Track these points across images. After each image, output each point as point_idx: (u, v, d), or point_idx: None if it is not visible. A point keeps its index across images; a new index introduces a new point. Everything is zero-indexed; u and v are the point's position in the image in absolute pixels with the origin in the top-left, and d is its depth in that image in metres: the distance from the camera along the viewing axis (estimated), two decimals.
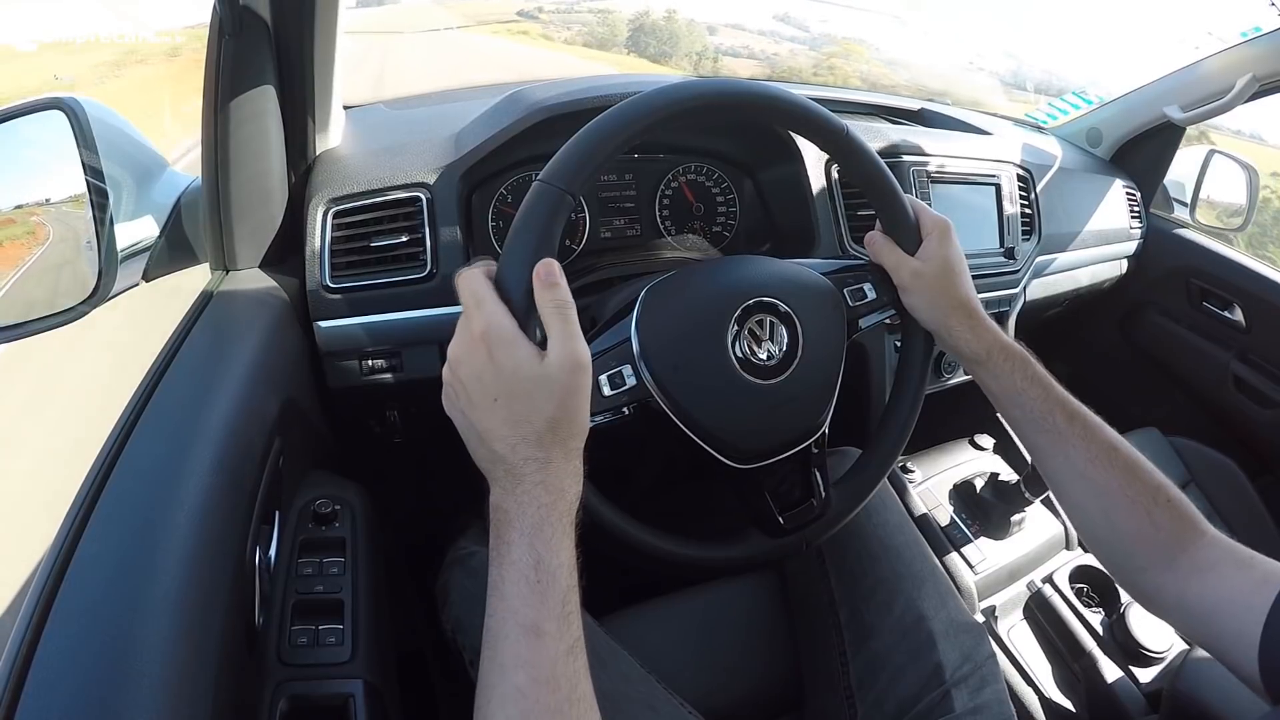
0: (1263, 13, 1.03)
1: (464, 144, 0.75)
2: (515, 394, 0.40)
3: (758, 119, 0.64)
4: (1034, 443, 0.56)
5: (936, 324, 0.59)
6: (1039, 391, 0.55)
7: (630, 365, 0.52)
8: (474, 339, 0.41)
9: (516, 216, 0.45)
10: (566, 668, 0.37)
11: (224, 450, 0.48)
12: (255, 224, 0.70)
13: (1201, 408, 1.32)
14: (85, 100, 0.63)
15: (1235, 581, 0.45)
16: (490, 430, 0.41)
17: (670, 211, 0.90)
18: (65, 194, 0.62)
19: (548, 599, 0.38)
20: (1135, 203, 1.29)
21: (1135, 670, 0.78)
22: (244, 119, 0.65)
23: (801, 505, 0.57)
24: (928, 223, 0.60)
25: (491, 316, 0.41)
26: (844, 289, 0.60)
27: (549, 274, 0.42)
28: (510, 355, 0.40)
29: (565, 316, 0.42)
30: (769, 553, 0.58)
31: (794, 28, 39.64)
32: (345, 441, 0.84)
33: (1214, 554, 0.47)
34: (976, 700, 0.59)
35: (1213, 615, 0.45)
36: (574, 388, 0.41)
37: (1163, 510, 0.49)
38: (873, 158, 0.57)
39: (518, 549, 0.39)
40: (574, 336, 0.42)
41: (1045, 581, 0.86)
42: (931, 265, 0.58)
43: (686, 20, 36.28)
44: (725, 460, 0.54)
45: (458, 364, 0.42)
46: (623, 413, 0.52)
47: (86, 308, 0.61)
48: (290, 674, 0.49)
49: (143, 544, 0.40)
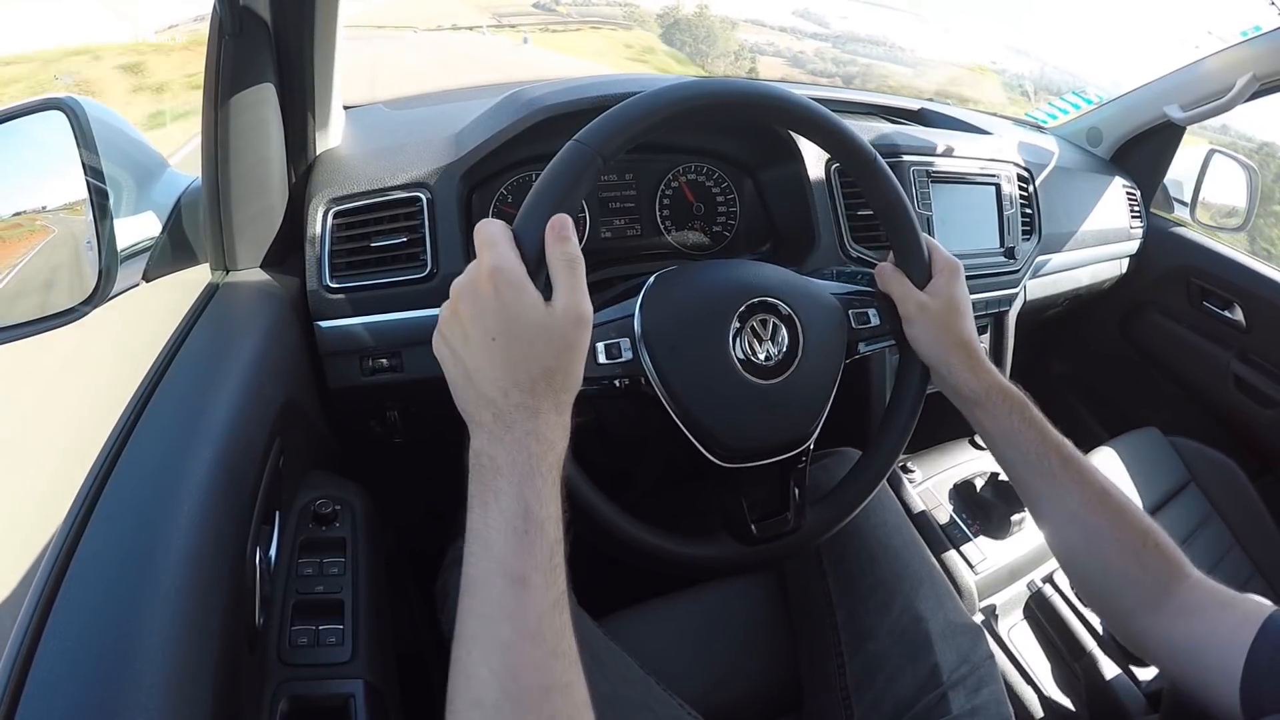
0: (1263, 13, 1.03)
1: (464, 144, 0.75)
2: (515, 336, 0.40)
3: (792, 128, 0.64)
4: (1028, 484, 0.57)
5: (936, 360, 0.60)
6: (1035, 434, 0.55)
7: (629, 339, 0.52)
8: (482, 276, 0.41)
9: (544, 172, 0.46)
10: (552, 621, 0.36)
11: (224, 450, 0.48)
12: (255, 224, 0.70)
13: (1202, 408, 1.32)
14: (85, 100, 0.63)
15: (1218, 622, 0.46)
16: (481, 371, 0.41)
17: (670, 211, 0.90)
18: (63, 200, 0.62)
19: (535, 550, 0.37)
20: (1135, 202, 1.29)
21: (1135, 670, 0.78)
22: (244, 119, 0.65)
23: (774, 518, 0.57)
24: (939, 261, 0.61)
25: (503, 258, 0.41)
26: (849, 310, 0.60)
27: (562, 228, 0.43)
28: (516, 297, 0.41)
29: (574, 271, 0.43)
30: (733, 561, 0.57)
31: (814, 24, 38.73)
32: (345, 442, 0.84)
33: (1198, 596, 0.48)
34: (974, 701, 0.59)
35: (1196, 655, 0.46)
36: (574, 341, 0.42)
37: (1151, 553, 0.50)
38: (897, 190, 0.58)
39: (506, 497, 0.38)
40: (580, 291, 0.42)
41: (1045, 581, 0.86)
42: (938, 302, 0.59)
43: (720, 16, 35.22)
44: (709, 455, 0.54)
45: (459, 298, 0.42)
46: (613, 385, 0.52)
47: (87, 308, 0.61)
48: (290, 674, 0.49)
49: (143, 544, 0.40)
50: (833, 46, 33.93)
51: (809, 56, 28.02)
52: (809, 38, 35.28)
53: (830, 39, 36.18)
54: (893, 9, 50.82)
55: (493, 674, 0.34)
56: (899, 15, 50.08)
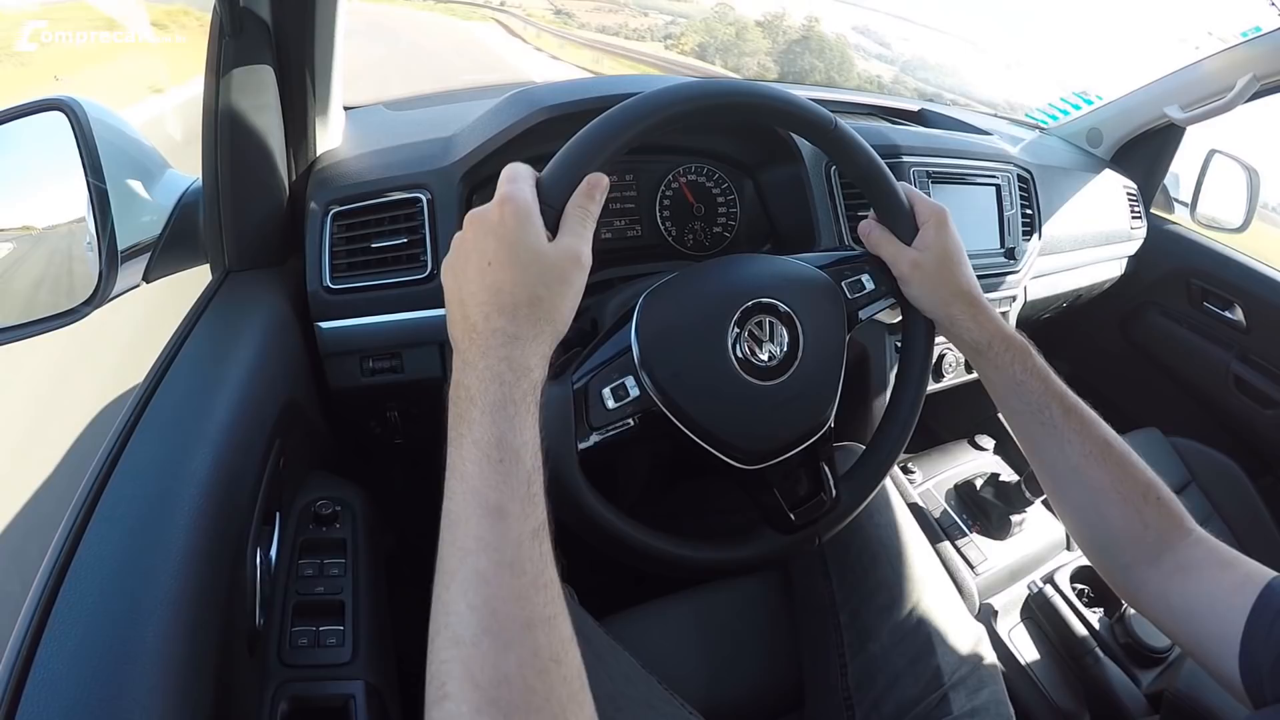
0: (1263, 13, 1.03)
1: (465, 145, 0.75)
2: (509, 262, 0.41)
3: (747, 119, 0.63)
4: (1029, 435, 0.56)
5: (938, 313, 0.59)
6: (1038, 384, 0.55)
7: (633, 376, 0.52)
8: (496, 204, 0.42)
9: (585, 128, 0.47)
10: (531, 550, 0.35)
11: (225, 451, 0.48)
12: (256, 225, 0.70)
13: (1202, 408, 1.32)
14: (85, 100, 0.63)
15: (1218, 581, 0.45)
16: (472, 295, 0.41)
17: (671, 212, 0.90)
18: (61, 217, 0.62)
19: (511, 478, 0.36)
20: (1135, 203, 1.29)
21: (1135, 670, 0.78)
22: (244, 119, 0.65)
23: (811, 501, 0.57)
24: (923, 211, 0.59)
25: (520, 191, 0.43)
26: (841, 281, 0.59)
27: (594, 186, 0.45)
28: (520, 225, 0.41)
29: (585, 222, 0.44)
30: (782, 549, 0.57)
31: (876, 43, 36.08)
32: (346, 442, 0.84)
33: (1199, 553, 0.47)
34: (974, 702, 0.59)
35: (1194, 615, 0.45)
36: (566, 276, 0.42)
37: (1152, 508, 0.49)
38: (863, 147, 0.57)
39: (479, 427, 0.37)
40: (584, 238, 0.44)
41: (1045, 582, 0.86)
42: (930, 254, 0.57)
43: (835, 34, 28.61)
44: (733, 463, 0.54)
45: (469, 224, 0.43)
46: (629, 423, 0.51)
47: (87, 309, 0.61)
48: (291, 675, 0.49)
49: (143, 544, 0.40)
50: (901, 71, 31.23)
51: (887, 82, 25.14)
52: (874, 58, 32.88)
53: (899, 63, 33.65)
54: (945, 34, 48.98)
55: (470, 608, 0.33)
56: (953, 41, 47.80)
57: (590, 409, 0.51)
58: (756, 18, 28.07)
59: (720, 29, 26.79)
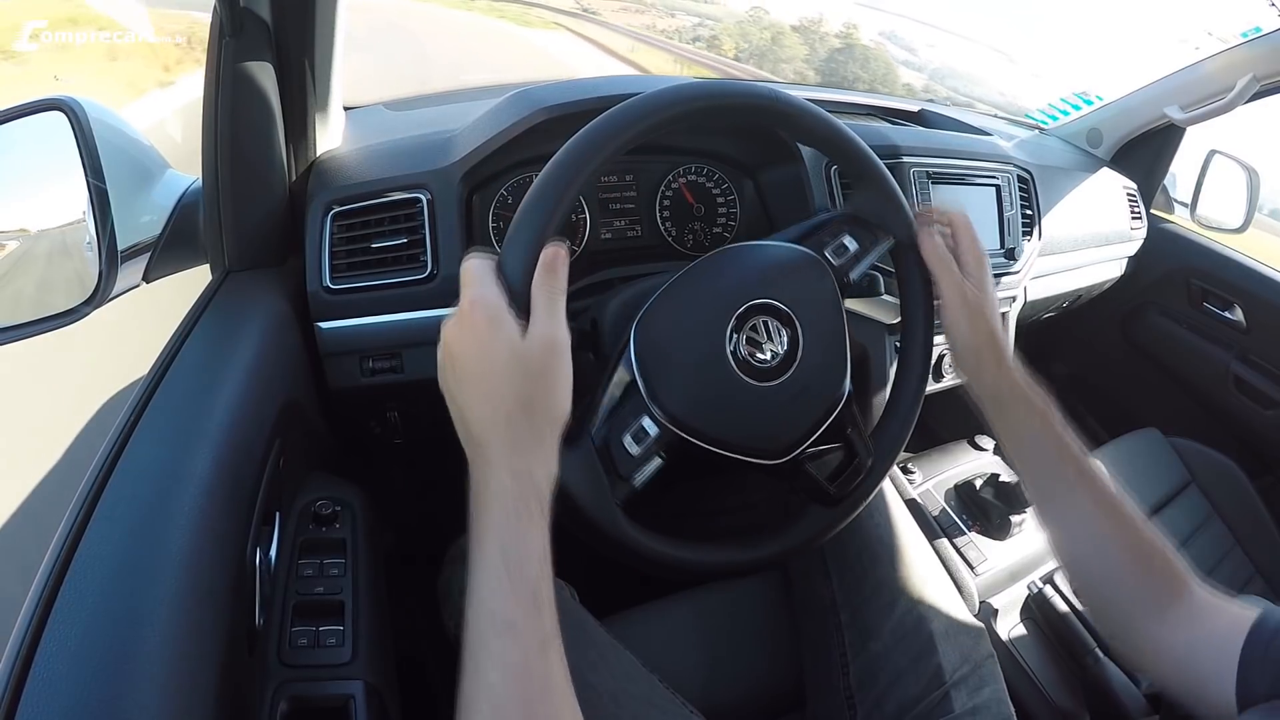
0: (1263, 13, 1.03)
1: (465, 145, 0.75)
2: (491, 372, 0.41)
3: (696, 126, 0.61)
4: (1040, 488, 0.56)
5: (968, 355, 0.59)
6: (1053, 445, 0.55)
7: (647, 415, 0.51)
8: (464, 313, 0.42)
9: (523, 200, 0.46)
10: (539, 663, 0.36)
11: (225, 451, 0.48)
12: (256, 225, 0.70)
13: (1202, 408, 1.32)
14: (85, 100, 0.63)
15: (1212, 627, 0.46)
16: (468, 407, 0.41)
17: (670, 212, 0.90)
18: (61, 218, 0.62)
19: (517, 590, 0.37)
20: (1135, 203, 1.29)
21: (1135, 670, 0.78)
22: (244, 119, 0.65)
23: (849, 469, 0.57)
24: (971, 250, 0.60)
25: (483, 293, 0.42)
26: (824, 250, 0.59)
27: (553, 260, 0.44)
28: (492, 331, 0.41)
29: (553, 301, 0.43)
30: (832, 522, 0.58)
31: (903, 49, 35.14)
32: (346, 442, 0.84)
33: (1196, 604, 0.48)
34: (975, 700, 0.60)
35: (1192, 660, 0.46)
36: (547, 368, 0.42)
37: (1159, 566, 0.50)
38: (813, 112, 0.56)
39: (487, 542, 0.38)
40: (556, 319, 0.43)
41: (1045, 582, 0.86)
42: (979, 294, 0.58)
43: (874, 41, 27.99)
44: (761, 461, 0.54)
45: (447, 330, 0.43)
46: (658, 460, 0.52)
47: (87, 309, 0.61)
48: (290, 675, 0.49)
49: (143, 544, 0.40)
50: (929, 79, 30.00)
51: (918, 90, 23.91)
52: (901, 65, 31.69)
53: (928, 71, 32.54)
54: (971, 40, 47.73)
55: None
56: (980, 48, 46.43)
57: (617, 461, 0.50)
58: (792, 22, 27.13)
59: (755, 33, 25.82)
